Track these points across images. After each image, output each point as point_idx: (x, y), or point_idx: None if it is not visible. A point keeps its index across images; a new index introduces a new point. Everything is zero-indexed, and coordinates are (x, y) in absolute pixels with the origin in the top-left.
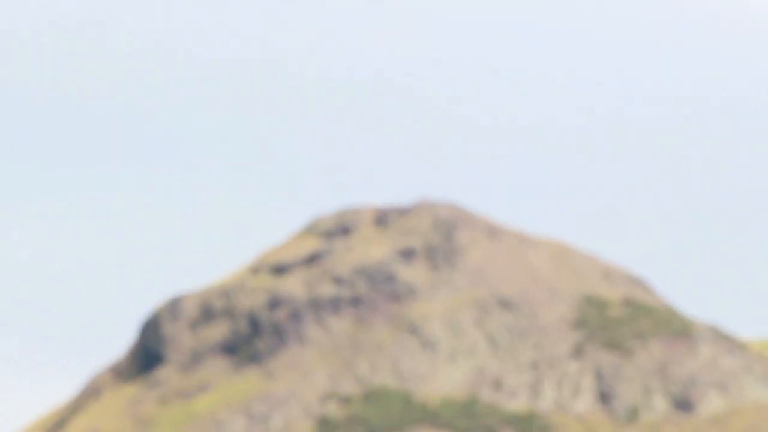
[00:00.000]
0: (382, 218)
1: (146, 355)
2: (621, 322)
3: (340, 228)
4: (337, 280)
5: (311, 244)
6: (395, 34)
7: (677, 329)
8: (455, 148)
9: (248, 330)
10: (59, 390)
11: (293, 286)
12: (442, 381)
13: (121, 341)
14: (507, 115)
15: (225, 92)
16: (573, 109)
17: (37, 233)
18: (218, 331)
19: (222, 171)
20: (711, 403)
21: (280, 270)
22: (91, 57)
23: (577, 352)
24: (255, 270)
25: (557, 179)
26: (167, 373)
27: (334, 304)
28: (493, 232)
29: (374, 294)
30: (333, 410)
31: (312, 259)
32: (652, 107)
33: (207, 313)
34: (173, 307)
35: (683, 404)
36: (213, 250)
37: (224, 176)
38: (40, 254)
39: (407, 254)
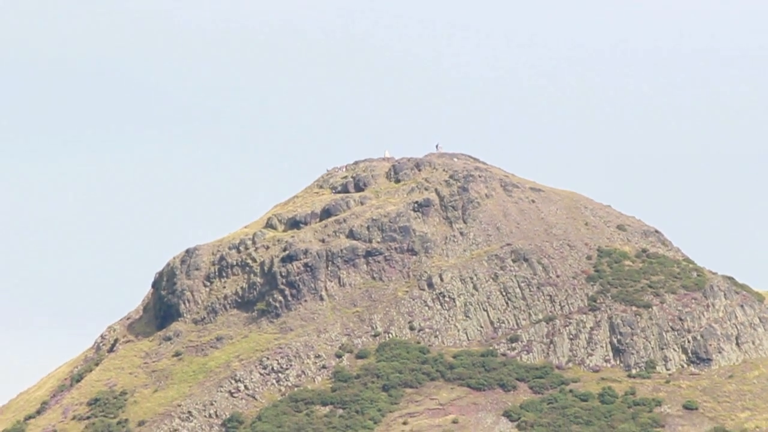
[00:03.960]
0: (397, 171)
1: (161, 310)
2: (636, 275)
3: (355, 182)
4: (352, 234)
5: (326, 198)
6: None
7: (692, 282)
8: (470, 101)
9: (263, 283)
10: (76, 345)
11: (308, 239)
12: (457, 335)
13: (136, 296)
14: (521, 68)
15: (242, 53)
16: (586, 64)
17: (53, 190)
18: (233, 285)
19: (237, 127)
20: (726, 356)
21: (294, 224)
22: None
23: (592, 305)
24: (269, 224)
25: (572, 132)
26: (182, 327)
27: (349, 258)
28: (507, 184)
29: (389, 247)
30: (347, 364)
31: (326, 213)
32: (671, 58)
33: (222, 267)
34: (188, 260)
35: (698, 357)
36: (228, 204)
37: (239, 132)
38: (55, 211)
39: (422, 207)
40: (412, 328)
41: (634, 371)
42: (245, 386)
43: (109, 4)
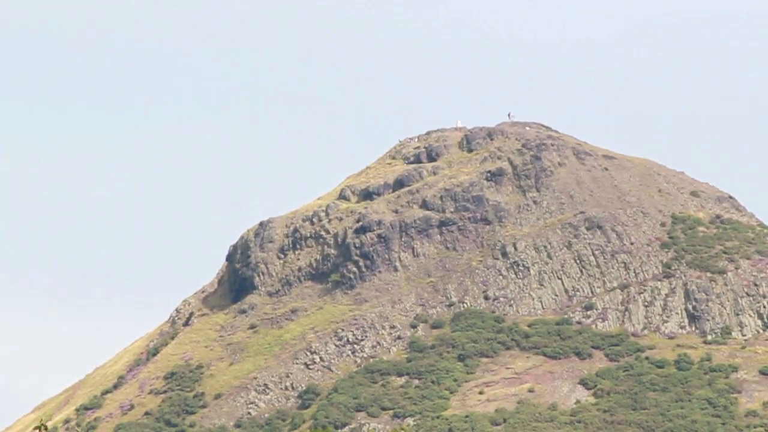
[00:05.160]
0: (469, 141)
1: (236, 283)
2: (710, 242)
3: (427, 152)
4: (425, 204)
5: (398, 169)
6: None
7: (767, 247)
8: (542, 69)
9: (336, 255)
10: (152, 319)
11: (381, 210)
12: (531, 303)
13: (211, 270)
14: (592, 36)
15: (314, 26)
16: (656, 31)
17: (127, 166)
18: (307, 257)
19: (310, 99)
20: None
21: (367, 195)
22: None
23: (667, 272)
24: (342, 195)
25: (644, 99)
26: (257, 300)
27: (422, 228)
28: (580, 152)
29: (462, 217)
30: (423, 334)
31: (399, 184)
32: (735, 21)
33: (295, 239)
34: (262, 233)
35: None
36: (301, 176)
37: (312, 104)
38: (129, 186)
39: (495, 177)
40: (486, 298)
41: (709, 337)
42: (321, 358)
43: None
